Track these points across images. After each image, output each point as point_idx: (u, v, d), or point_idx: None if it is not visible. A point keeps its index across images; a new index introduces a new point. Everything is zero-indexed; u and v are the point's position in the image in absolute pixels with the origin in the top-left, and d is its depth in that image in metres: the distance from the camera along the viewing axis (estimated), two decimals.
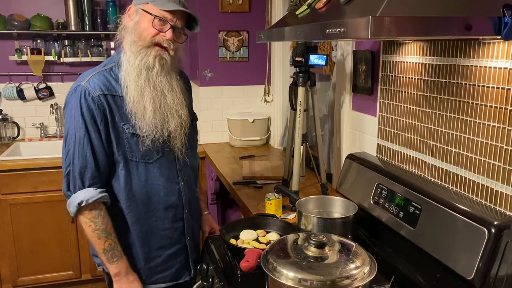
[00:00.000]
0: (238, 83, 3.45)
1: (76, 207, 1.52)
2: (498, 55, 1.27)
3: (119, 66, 1.57)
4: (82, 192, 1.52)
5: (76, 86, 1.53)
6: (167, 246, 1.69)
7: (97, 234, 1.54)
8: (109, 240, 1.55)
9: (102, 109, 1.51)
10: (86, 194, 1.52)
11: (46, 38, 3.46)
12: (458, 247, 1.28)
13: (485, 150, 1.34)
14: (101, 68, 1.59)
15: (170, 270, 1.71)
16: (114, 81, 1.56)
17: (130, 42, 1.54)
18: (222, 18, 3.31)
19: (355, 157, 1.91)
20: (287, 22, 1.63)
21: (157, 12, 1.50)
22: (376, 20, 0.95)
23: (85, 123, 1.50)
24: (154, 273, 1.68)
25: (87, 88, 1.50)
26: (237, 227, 1.78)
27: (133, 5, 1.57)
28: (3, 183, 2.95)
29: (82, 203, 1.51)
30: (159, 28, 1.52)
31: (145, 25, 1.51)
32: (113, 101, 1.53)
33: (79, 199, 1.51)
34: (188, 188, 1.73)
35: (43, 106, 3.56)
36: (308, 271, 1.15)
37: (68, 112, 1.54)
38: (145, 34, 1.51)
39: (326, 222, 1.65)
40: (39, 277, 3.15)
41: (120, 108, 1.54)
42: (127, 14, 1.57)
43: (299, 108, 2.05)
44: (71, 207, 1.54)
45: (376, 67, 1.88)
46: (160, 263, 1.68)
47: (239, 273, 1.48)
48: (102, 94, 1.51)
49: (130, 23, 1.55)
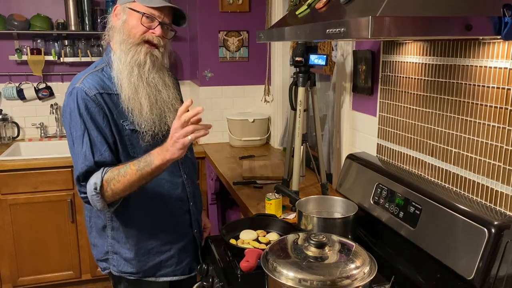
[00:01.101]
0: (238, 83, 3.45)
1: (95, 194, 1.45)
2: (498, 55, 1.27)
3: (110, 66, 1.58)
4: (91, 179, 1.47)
5: (71, 90, 1.53)
6: (176, 240, 1.70)
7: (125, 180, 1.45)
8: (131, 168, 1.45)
9: (101, 107, 1.51)
10: (95, 176, 1.47)
11: (46, 38, 3.46)
12: (458, 247, 1.28)
13: (485, 150, 1.34)
14: (92, 69, 1.59)
15: (181, 264, 1.71)
16: (108, 80, 1.56)
17: (119, 41, 1.54)
18: (222, 18, 3.31)
19: (355, 157, 1.90)
20: (287, 22, 1.63)
21: (144, 10, 1.51)
22: (376, 20, 0.95)
23: (84, 122, 1.49)
24: (165, 267, 1.68)
25: (83, 88, 1.50)
26: (237, 227, 1.78)
27: (119, 5, 1.57)
28: (3, 183, 2.95)
29: (97, 187, 1.45)
30: (148, 25, 1.53)
31: (133, 23, 1.52)
32: (110, 99, 1.54)
33: (92, 184, 1.46)
34: (191, 180, 1.75)
35: (43, 106, 3.56)
36: (308, 271, 1.15)
37: (68, 116, 1.52)
38: (134, 32, 1.52)
39: (326, 222, 1.65)
40: (39, 277, 3.14)
41: (117, 106, 1.55)
42: (113, 14, 1.58)
43: (299, 108, 2.05)
44: (95, 202, 1.47)
45: (376, 67, 1.88)
46: (170, 257, 1.68)
47: (239, 273, 1.48)
48: (98, 93, 1.51)
49: (118, 22, 1.55)
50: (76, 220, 3.12)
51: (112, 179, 1.46)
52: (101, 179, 1.46)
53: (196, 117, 1.43)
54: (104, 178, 1.46)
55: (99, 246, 1.68)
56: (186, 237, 1.73)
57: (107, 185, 1.46)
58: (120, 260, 1.65)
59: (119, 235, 1.63)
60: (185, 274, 1.74)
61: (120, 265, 1.65)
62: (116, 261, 1.65)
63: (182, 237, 1.72)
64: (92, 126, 1.49)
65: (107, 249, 1.66)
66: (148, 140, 1.56)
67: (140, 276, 1.66)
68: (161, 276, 1.68)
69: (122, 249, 1.64)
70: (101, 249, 1.67)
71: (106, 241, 1.65)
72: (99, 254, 1.69)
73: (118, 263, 1.65)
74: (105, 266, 1.68)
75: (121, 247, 1.64)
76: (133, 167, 1.45)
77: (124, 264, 1.65)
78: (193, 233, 1.75)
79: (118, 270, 1.65)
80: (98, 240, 1.68)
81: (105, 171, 1.47)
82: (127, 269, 1.65)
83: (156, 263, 1.67)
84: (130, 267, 1.64)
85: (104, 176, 1.46)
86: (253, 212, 2.05)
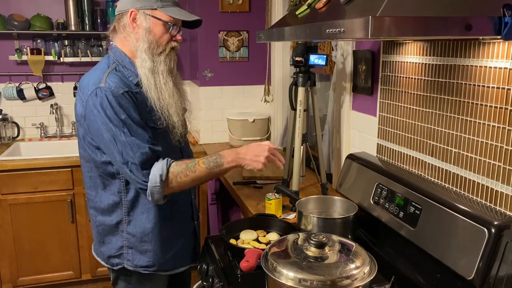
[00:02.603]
0: (238, 83, 3.45)
1: (159, 185, 1.48)
2: (498, 55, 1.27)
3: (122, 66, 1.60)
4: (154, 169, 1.49)
5: (94, 89, 1.50)
6: (182, 231, 1.76)
7: (193, 175, 1.53)
8: (200, 165, 1.54)
9: (132, 103, 1.52)
10: (159, 167, 1.49)
11: (46, 38, 3.46)
12: (458, 247, 1.28)
13: (485, 150, 1.34)
14: (107, 69, 1.58)
15: (186, 254, 1.78)
16: (126, 79, 1.58)
17: (143, 49, 1.57)
18: (222, 18, 3.31)
19: (355, 157, 1.90)
20: (287, 22, 1.63)
21: (169, 19, 1.58)
22: (376, 20, 0.96)
23: (119, 117, 1.48)
24: (175, 259, 1.73)
25: (110, 87, 1.50)
26: (237, 227, 1.78)
27: (136, 10, 1.56)
28: (3, 183, 2.95)
29: (162, 178, 1.48)
30: (173, 33, 1.61)
31: (160, 32, 1.58)
32: (134, 97, 1.55)
33: (157, 175, 1.48)
34: None
35: (43, 106, 3.55)
36: (308, 271, 1.15)
37: (98, 113, 1.49)
38: (161, 41, 1.59)
39: (326, 222, 1.65)
40: (39, 277, 3.14)
41: (140, 104, 1.56)
42: (130, 19, 1.57)
43: (299, 108, 2.05)
44: (155, 193, 1.50)
45: (376, 67, 1.88)
46: (179, 249, 1.74)
47: (239, 273, 1.48)
48: (125, 91, 1.52)
49: (140, 30, 1.57)
50: (76, 220, 3.12)
51: (180, 172, 1.51)
52: (166, 171, 1.50)
53: (281, 159, 1.64)
54: (170, 170, 1.51)
55: (111, 242, 1.68)
56: (189, 228, 1.80)
57: (173, 177, 1.51)
58: (136, 254, 1.66)
59: (136, 230, 1.64)
60: (188, 264, 1.81)
61: (136, 259, 1.66)
62: (131, 256, 1.66)
63: (187, 229, 1.79)
64: (130, 121, 1.50)
65: (121, 244, 1.66)
66: (177, 140, 1.64)
67: (155, 270, 1.68)
68: (174, 269, 1.74)
69: (138, 243, 1.65)
70: (114, 245, 1.67)
71: (121, 236, 1.66)
72: (111, 250, 1.68)
73: (133, 257, 1.66)
74: (117, 261, 1.68)
75: (138, 241, 1.65)
76: (202, 164, 1.54)
77: (139, 258, 1.66)
78: (194, 225, 1.82)
79: (133, 265, 1.66)
80: (109, 237, 1.68)
81: (169, 163, 1.52)
82: (143, 263, 1.66)
83: (171, 256, 1.71)
84: (147, 261, 1.66)
85: (169, 168, 1.50)
86: (253, 212, 2.05)
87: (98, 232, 1.71)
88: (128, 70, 1.59)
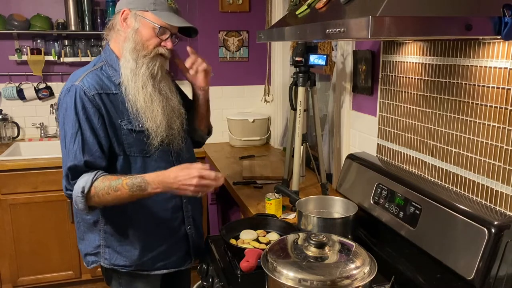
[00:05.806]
0: (238, 83, 3.44)
1: (81, 196, 1.48)
2: (498, 55, 1.27)
3: (109, 65, 1.60)
4: (80, 180, 1.50)
5: (69, 86, 1.54)
6: (168, 235, 1.71)
7: (115, 195, 1.48)
8: (124, 186, 1.48)
9: (98, 108, 1.52)
10: (85, 179, 1.49)
11: (46, 38, 3.46)
12: (458, 247, 1.28)
13: (485, 150, 1.34)
14: (91, 67, 1.60)
15: (171, 258, 1.73)
16: (107, 79, 1.58)
17: (129, 49, 1.55)
18: (222, 18, 3.31)
19: (355, 157, 1.90)
20: (287, 22, 1.63)
21: (159, 22, 1.55)
22: (376, 20, 0.96)
23: (79, 121, 1.50)
24: (157, 261, 1.70)
25: (82, 87, 1.52)
26: (237, 227, 1.78)
27: (128, 9, 1.56)
28: (3, 183, 2.95)
29: (84, 190, 1.48)
30: (161, 37, 1.57)
31: (147, 35, 1.55)
32: (108, 99, 1.55)
33: (81, 186, 1.48)
34: None
35: (43, 106, 3.55)
36: (308, 271, 1.15)
37: (63, 112, 1.54)
38: (147, 44, 1.56)
39: (326, 222, 1.65)
40: (39, 277, 3.14)
41: (115, 106, 1.56)
42: (121, 18, 1.57)
43: (299, 108, 2.05)
44: (78, 202, 1.51)
45: (376, 67, 1.88)
46: (162, 252, 1.70)
47: (239, 273, 1.48)
48: (97, 93, 1.53)
49: (128, 30, 1.56)
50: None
51: (102, 189, 1.48)
52: (90, 184, 1.48)
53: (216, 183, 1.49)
54: (94, 184, 1.48)
55: (88, 240, 1.69)
56: (178, 233, 1.74)
57: (95, 192, 1.48)
58: (112, 253, 1.66)
59: (113, 229, 1.65)
60: (176, 267, 1.76)
61: (113, 258, 1.66)
62: (108, 255, 1.66)
63: (174, 233, 1.73)
64: (87, 126, 1.51)
65: (98, 243, 1.67)
66: (157, 146, 1.60)
67: (132, 269, 1.67)
68: (153, 270, 1.70)
69: (115, 242, 1.65)
70: (91, 243, 1.68)
71: (98, 234, 1.66)
72: (88, 248, 1.69)
73: (110, 256, 1.66)
74: (93, 259, 1.69)
75: (115, 241, 1.65)
76: (126, 186, 1.47)
77: (116, 258, 1.66)
78: (185, 229, 1.75)
79: (110, 263, 1.67)
80: (88, 235, 1.69)
81: (96, 176, 1.49)
82: (120, 262, 1.66)
83: (149, 258, 1.68)
84: (123, 260, 1.66)
85: (94, 182, 1.49)
86: (253, 212, 2.05)
87: (79, 229, 1.72)
88: (113, 70, 1.59)
